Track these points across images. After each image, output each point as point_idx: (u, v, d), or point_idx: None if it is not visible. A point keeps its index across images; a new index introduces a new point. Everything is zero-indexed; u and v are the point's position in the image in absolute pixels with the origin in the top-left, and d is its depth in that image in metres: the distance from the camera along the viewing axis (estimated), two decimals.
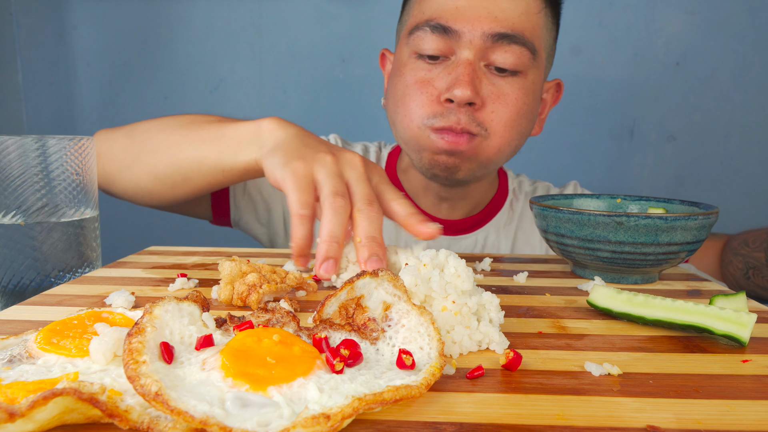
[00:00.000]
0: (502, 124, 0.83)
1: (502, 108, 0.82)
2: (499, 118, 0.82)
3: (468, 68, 0.80)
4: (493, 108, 0.82)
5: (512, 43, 0.81)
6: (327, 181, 0.62)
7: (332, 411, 0.29)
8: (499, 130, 0.83)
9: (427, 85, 0.83)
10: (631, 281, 0.63)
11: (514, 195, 1.04)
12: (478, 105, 0.81)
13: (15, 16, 1.54)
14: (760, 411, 0.33)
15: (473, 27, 0.80)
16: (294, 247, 0.61)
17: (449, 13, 0.81)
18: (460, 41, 0.81)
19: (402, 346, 0.38)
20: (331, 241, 0.58)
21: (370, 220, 0.60)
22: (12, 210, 0.59)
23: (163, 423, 0.29)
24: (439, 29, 0.81)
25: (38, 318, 0.47)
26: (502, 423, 0.31)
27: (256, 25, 1.66)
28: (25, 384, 0.31)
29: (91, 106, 1.74)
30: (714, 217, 0.60)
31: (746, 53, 1.55)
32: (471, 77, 0.79)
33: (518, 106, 0.83)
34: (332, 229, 0.59)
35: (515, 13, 0.81)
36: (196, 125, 0.81)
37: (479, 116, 0.82)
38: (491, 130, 0.82)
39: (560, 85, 0.98)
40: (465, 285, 0.43)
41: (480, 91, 0.81)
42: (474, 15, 0.80)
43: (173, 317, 0.36)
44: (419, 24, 0.83)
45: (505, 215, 1.01)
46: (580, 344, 0.44)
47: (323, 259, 0.57)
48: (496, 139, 0.83)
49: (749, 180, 1.61)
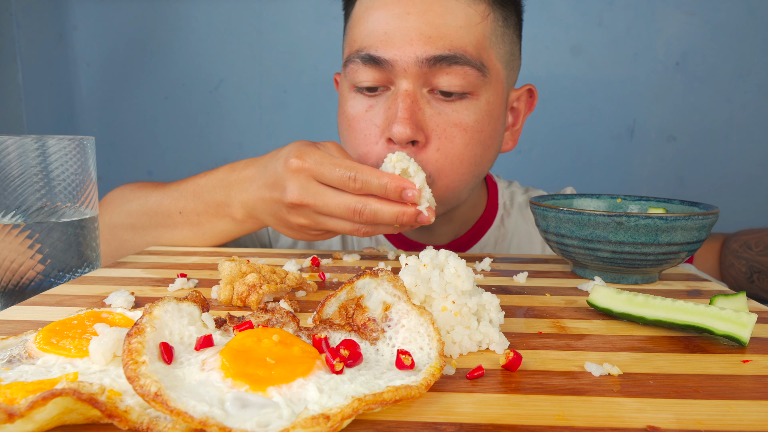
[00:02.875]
0: (449, 162, 0.74)
1: (448, 144, 0.73)
2: (445, 157, 0.73)
3: (406, 101, 0.71)
4: (438, 145, 0.73)
5: (453, 64, 0.71)
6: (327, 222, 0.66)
7: (332, 411, 0.29)
8: (445, 169, 0.74)
9: (367, 122, 0.75)
10: (631, 281, 0.63)
11: (505, 210, 0.95)
12: (421, 142, 0.72)
13: (15, 16, 1.54)
14: (760, 411, 0.33)
15: (405, 53, 0.70)
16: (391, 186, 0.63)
17: (378, 40, 0.72)
18: (395, 70, 0.72)
19: (402, 346, 0.38)
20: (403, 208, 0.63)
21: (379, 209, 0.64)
22: (12, 210, 0.59)
23: (162, 423, 0.29)
24: (369, 60, 0.73)
25: (38, 318, 0.47)
26: (502, 423, 0.31)
27: (256, 25, 1.66)
28: (24, 384, 0.31)
29: (91, 106, 1.74)
30: (714, 217, 0.60)
31: (746, 53, 1.56)
32: (410, 112, 0.71)
33: (469, 135, 0.74)
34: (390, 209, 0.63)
35: (452, 29, 0.71)
36: (160, 214, 0.79)
37: (422, 157, 0.73)
38: (435, 174, 0.74)
39: (532, 90, 0.88)
40: (465, 285, 0.43)
41: (423, 125, 0.72)
42: (404, 39, 0.70)
43: (173, 317, 0.36)
44: (351, 55, 0.75)
45: (494, 233, 0.94)
46: (580, 344, 0.44)
47: (416, 213, 0.63)
48: (442, 180, 0.75)
49: (749, 180, 1.62)
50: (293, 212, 0.68)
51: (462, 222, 0.93)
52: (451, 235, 0.93)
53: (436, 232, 0.91)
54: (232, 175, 0.74)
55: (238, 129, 1.74)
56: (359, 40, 0.75)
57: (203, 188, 0.76)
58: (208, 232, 0.77)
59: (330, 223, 0.67)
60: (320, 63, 1.66)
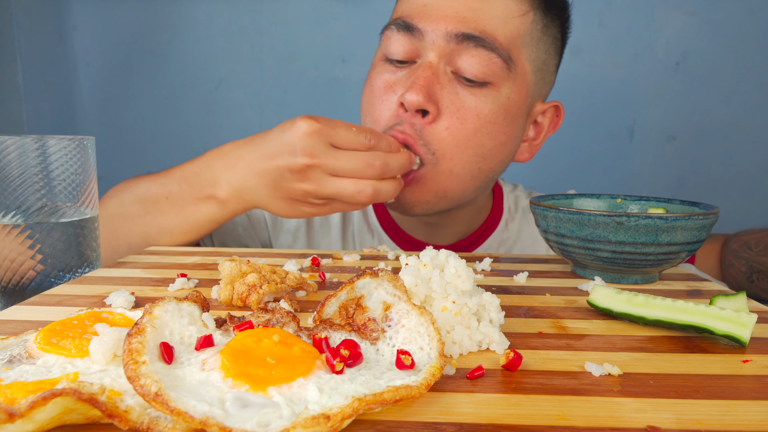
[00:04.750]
0: (455, 144, 0.74)
1: (458, 125, 0.73)
2: (452, 137, 0.73)
3: (427, 71, 0.73)
4: (448, 124, 0.73)
5: (479, 47, 0.72)
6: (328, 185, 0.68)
7: (332, 411, 0.29)
8: (450, 151, 0.74)
9: (389, 91, 0.77)
10: (632, 281, 0.63)
11: (510, 214, 0.95)
12: (432, 115, 0.73)
13: (15, 16, 1.54)
14: (760, 411, 0.33)
15: (437, 26, 0.73)
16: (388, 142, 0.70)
17: (416, 10, 0.76)
18: (424, 41, 0.74)
19: (402, 346, 0.38)
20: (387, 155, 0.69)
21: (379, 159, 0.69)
22: (12, 210, 0.59)
23: (162, 423, 0.29)
24: (404, 27, 0.76)
25: (38, 318, 0.47)
26: (502, 423, 0.31)
27: (256, 25, 1.66)
28: (24, 384, 0.31)
29: (91, 106, 1.74)
30: (714, 217, 0.60)
31: (746, 53, 1.55)
32: (427, 81, 0.72)
33: (482, 122, 0.74)
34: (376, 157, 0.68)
35: (488, 15, 0.73)
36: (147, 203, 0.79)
37: (429, 131, 0.73)
38: (439, 153, 0.74)
39: (559, 108, 0.87)
40: (465, 285, 0.43)
41: (437, 98, 0.73)
42: (440, 14, 0.73)
43: (173, 317, 0.36)
44: (390, 22, 0.79)
45: (498, 237, 0.93)
46: (580, 344, 0.44)
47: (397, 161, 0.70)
48: (446, 163, 0.74)
49: (749, 180, 1.62)
50: (299, 177, 0.68)
51: (466, 225, 0.92)
52: (455, 236, 0.93)
53: (439, 233, 0.91)
54: (218, 156, 0.75)
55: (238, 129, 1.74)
56: (400, 10, 0.79)
57: (190, 172, 0.76)
58: (191, 218, 0.76)
59: (336, 184, 0.68)
60: (320, 63, 1.66)
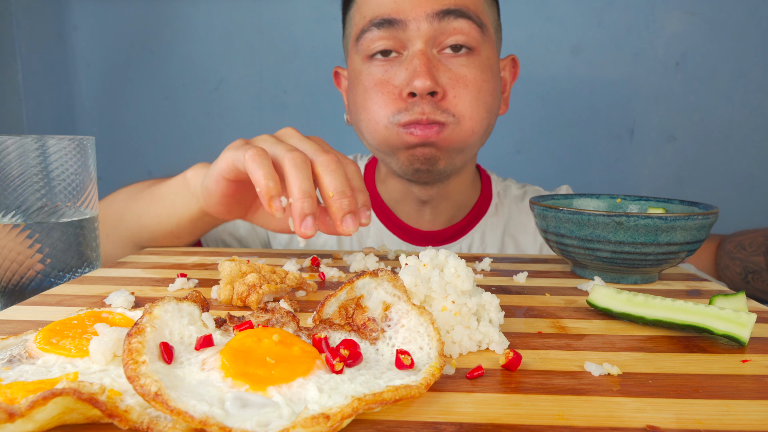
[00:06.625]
0: (468, 106, 0.82)
1: (463, 91, 0.82)
2: (463, 102, 0.82)
3: (423, 58, 0.79)
4: (455, 93, 0.81)
5: (459, 18, 0.80)
6: (276, 147, 0.59)
7: (332, 411, 0.29)
8: (467, 112, 0.82)
9: (386, 85, 0.83)
10: (631, 281, 0.63)
11: (499, 198, 1.01)
12: (440, 94, 0.80)
13: (15, 16, 1.54)
14: (760, 411, 0.33)
15: (416, 12, 0.80)
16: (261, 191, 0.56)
17: (389, 7, 0.81)
18: (408, 31, 0.81)
19: (402, 346, 0.38)
20: (304, 197, 0.55)
21: (332, 172, 0.58)
22: (12, 210, 0.59)
23: (162, 423, 0.29)
24: (383, 24, 0.81)
25: (38, 318, 0.47)
26: (502, 423, 0.31)
27: (256, 25, 1.66)
28: (24, 384, 0.31)
29: (91, 106, 1.74)
30: (714, 217, 0.60)
31: (746, 53, 1.55)
32: (428, 66, 0.79)
33: (478, 84, 0.83)
34: (300, 184, 0.55)
35: None
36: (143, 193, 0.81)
37: (444, 105, 0.81)
38: (459, 115, 0.82)
39: (515, 60, 0.97)
40: (465, 285, 0.43)
41: (439, 79, 0.80)
42: (414, 1, 0.80)
43: (173, 317, 0.36)
44: (364, 27, 0.84)
45: (490, 220, 0.99)
46: (580, 344, 0.44)
47: (301, 216, 0.54)
48: (466, 122, 0.82)
49: (749, 180, 1.61)
50: (252, 140, 0.64)
51: (459, 203, 0.97)
52: (449, 216, 0.97)
53: (436, 209, 0.95)
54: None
55: (238, 129, 1.74)
56: (370, 12, 0.83)
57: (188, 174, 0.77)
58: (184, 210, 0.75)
59: (281, 145, 0.61)
60: (320, 63, 1.65)
